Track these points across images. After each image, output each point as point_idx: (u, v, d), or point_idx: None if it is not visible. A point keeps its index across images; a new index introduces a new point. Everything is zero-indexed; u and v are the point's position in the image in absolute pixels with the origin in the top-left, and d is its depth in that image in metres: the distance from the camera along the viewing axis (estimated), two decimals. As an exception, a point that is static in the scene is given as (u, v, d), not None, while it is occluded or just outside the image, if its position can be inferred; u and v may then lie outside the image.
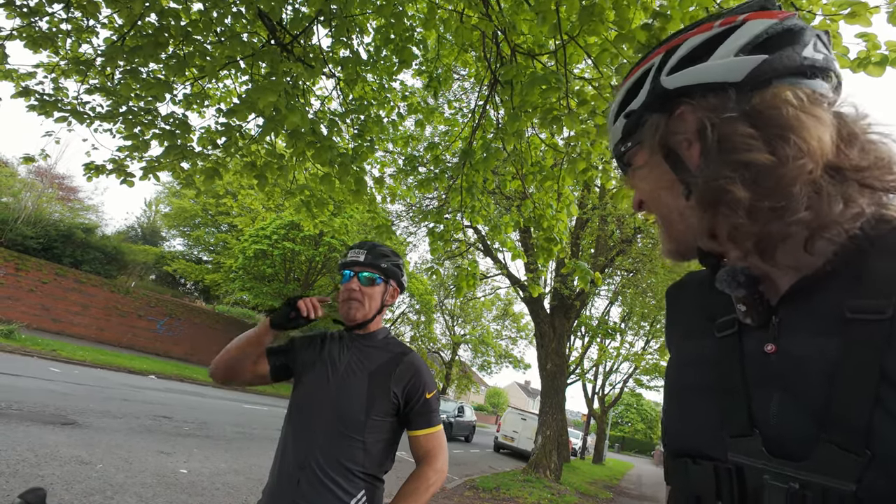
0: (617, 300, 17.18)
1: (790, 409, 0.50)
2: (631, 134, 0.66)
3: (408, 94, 4.72)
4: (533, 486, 9.87)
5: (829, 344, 0.48)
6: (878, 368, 0.44)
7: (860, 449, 0.43)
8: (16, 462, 4.20)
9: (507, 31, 2.71)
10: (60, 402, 6.82)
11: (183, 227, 30.30)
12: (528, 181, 3.30)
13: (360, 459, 1.39)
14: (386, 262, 1.61)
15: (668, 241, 0.65)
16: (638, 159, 0.67)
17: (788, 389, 0.50)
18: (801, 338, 0.52)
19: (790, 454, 0.48)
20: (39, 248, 17.57)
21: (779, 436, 0.50)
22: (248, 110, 2.09)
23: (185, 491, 4.70)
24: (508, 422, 20.06)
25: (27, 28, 3.17)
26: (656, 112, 0.62)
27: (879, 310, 0.46)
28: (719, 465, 0.53)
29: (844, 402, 0.45)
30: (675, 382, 0.66)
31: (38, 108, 3.19)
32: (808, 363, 0.50)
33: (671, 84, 0.60)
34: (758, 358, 0.55)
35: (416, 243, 19.25)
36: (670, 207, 0.62)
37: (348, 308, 1.55)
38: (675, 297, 0.78)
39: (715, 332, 0.62)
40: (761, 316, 0.56)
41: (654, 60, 0.63)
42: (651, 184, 0.65)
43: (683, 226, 0.61)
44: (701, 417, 0.58)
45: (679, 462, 0.59)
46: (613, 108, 0.70)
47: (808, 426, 0.48)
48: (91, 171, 3.57)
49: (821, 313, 0.51)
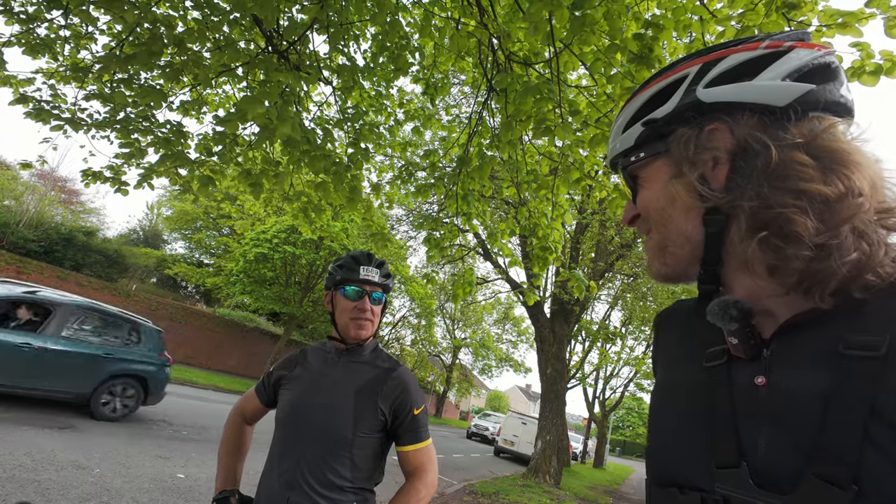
0: (617, 305, 17.14)
1: (778, 442, 0.49)
2: (647, 144, 0.63)
3: (406, 101, 4.74)
4: (532, 491, 9.82)
5: (820, 378, 0.48)
6: (869, 405, 0.44)
7: (847, 484, 0.43)
8: (12, 467, 4.20)
9: (503, 39, 2.72)
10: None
11: (184, 231, 30.37)
12: (523, 189, 3.30)
13: (349, 474, 1.38)
14: (391, 280, 1.60)
15: (661, 264, 0.62)
16: (650, 172, 0.63)
17: (777, 422, 0.50)
18: (792, 371, 0.51)
19: (777, 487, 0.48)
20: (41, 251, 17.63)
21: (766, 468, 0.49)
22: (239, 120, 2.10)
23: (182, 496, 4.69)
24: (508, 426, 19.99)
25: (26, 34, 3.19)
26: (685, 125, 0.58)
27: (874, 346, 0.46)
28: (706, 496, 0.53)
29: (833, 436, 0.45)
30: (662, 410, 0.65)
31: (34, 115, 3.20)
32: (798, 397, 0.49)
33: (709, 97, 0.56)
34: (747, 390, 0.54)
35: (415, 247, 19.25)
36: (678, 229, 0.59)
37: (358, 328, 1.50)
38: (665, 324, 0.77)
39: (704, 361, 0.61)
40: (753, 349, 0.55)
41: (690, 70, 0.59)
42: (662, 201, 0.61)
43: (684, 250, 0.59)
44: (688, 447, 0.58)
45: (665, 492, 0.58)
46: (627, 114, 0.65)
47: (795, 459, 0.47)
48: (89, 177, 3.59)
49: (814, 348, 0.51)
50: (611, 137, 0.71)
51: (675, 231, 0.60)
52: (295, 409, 1.46)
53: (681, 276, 0.61)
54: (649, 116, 0.62)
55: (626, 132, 0.65)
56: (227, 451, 1.61)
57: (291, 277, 21.37)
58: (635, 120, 0.64)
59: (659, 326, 0.77)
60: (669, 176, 0.60)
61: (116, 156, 3.42)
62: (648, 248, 0.65)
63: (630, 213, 0.68)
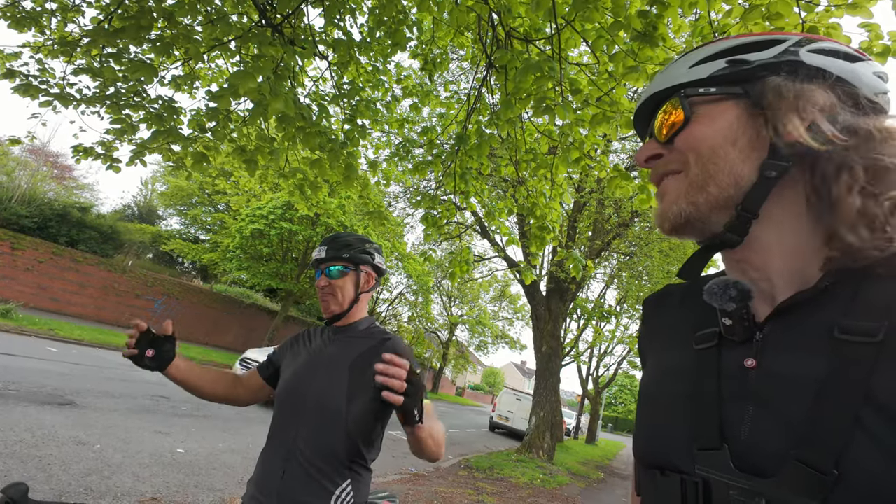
0: (613, 283, 17.27)
1: (763, 425, 0.49)
2: (724, 82, 0.60)
3: (403, 77, 4.64)
4: (526, 465, 10.06)
5: (812, 363, 0.48)
6: (863, 391, 0.44)
7: (828, 469, 0.43)
8: (13, 443, 4.24)
9: (503, 15, 2.65)
10: (58, 383, 6.87)
11: (180, 206, 30.16)
12: (521, 168, 3.27)
13: (344, 449, 1.40)
14: (348, 252, 1.61)
15: (688, 203, 0.59)
16: (714, 109, 0.60)
17: (764, 405, 0.50)
18: (783, 355, 0.51)
19: (758, 470, 0.48)
20: (34, 227, 17.47)
21: (748, 451, 0.49)
22: (231, 96, 2.05)
23: (182, 470, 4.77)
24: (504, 402, 20.36)
25: (11, 7, 3.08)
26: (778, 75, 0.57)
27: (870, 332, 0.46)
28: (686, 478, 0.53)
29: (821, 421, 0.45)
30: (649, 393, 0.65)
31: (22, 90, 3.12)
32: (787, 380, 0.49)
33: (811, 61, 0.56)
34: (736, 372, 0.54)
35: (413, 224, 19.22)
36: (731, 169, 0.57)
37: (325, 304, 1.60)
38: (655, 307, 0.76)
39: (693, 344, 0.61)
40: (746, 331, 0.55)
41: (791, 37, 0.60)
42: (721, 139, 0.58)
43: (725, 193, 0.57)
44: (672, 429, 0.58)
45: (649, 473, 0.59)
46: (707, 51, 0.63)
47: (779, 443, 0.47)
48: (80, 153, 3.52)
49: (809, 332, 0.51)
50: (669, 68, 0.68)
51: (726, 170, 0.57)
52: (292, 386, 1.50)
53: (700, 222, 0.59)
54: (738, 57, 0.60)
55: (698, 66, 0.62)
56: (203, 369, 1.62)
57: (288, 253, 21.36)
58: (717, 57, 0.61)
59: (648, 311, 0.77)
60: (738, 117, 0.58)
61: (107, 131, 3.34)
62: (670, 189, 0.62)
63: (651, 151, 0.65)
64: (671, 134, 0.62)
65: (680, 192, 0.61)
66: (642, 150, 0.67)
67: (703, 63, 0.62)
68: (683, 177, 0.61)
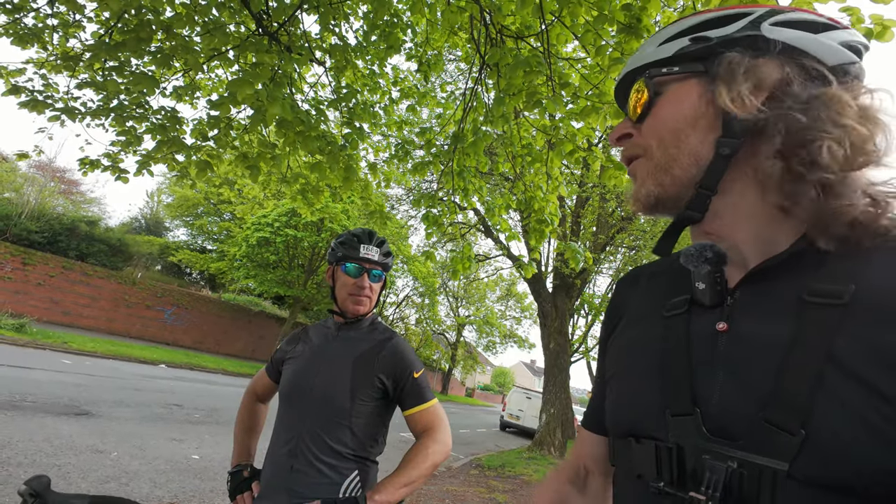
0: (619, 277, 17.17)
1: (733, 389, 0.50)
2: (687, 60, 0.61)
3: (400, 79, 4.69)
4: (538, 463, 10.06)
5: (781, 326, 0.49)
6: (827, 351, 0.44)
7: (796, 429, 0.43)
8: (33, 453, 4.33)
9: (494, 13, 2.69)
10: (73, 393, 6.98)
11: (186, 217, 30.38)
12: (517, 163, 3.30)
13: (349, 442, 1.43)
14: (391, 259, 1.65)
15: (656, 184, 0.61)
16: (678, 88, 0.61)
17: (734, 369, 0.50)
18: (754, 318, 0.52)
19: (729, 434, 0.48)
20: (44, 242, 17.69)
21: (720, 415, 0.50)
22: (230, 103, 2.11)
23: (197, 476, 4.84)
24: (514, 401, 20.31)
25: (13, 24, 3.16)
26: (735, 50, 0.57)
27: (837, 294, 0.46)
28: (660, 444, 0.53)
29: (787, 382, 0.45)
30: (619, 365, 0.67)
31: (29, 105, 3.20)
32: (757, 343, 0.50)
33: (772, 34, 0.56)
34: (707, 337, 0.55)
35: (416, 226, 19.25)
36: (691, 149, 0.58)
37: (356, 304, 1.56)
38: (623, 289, 0.77)
39: (663, 312, 0.62)
40: (717, 295, 0.56)
41: (756, 10, 0.59)
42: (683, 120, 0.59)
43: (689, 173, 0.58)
44: (644, 396, 0.59)
45: (623, 442, 0.60)
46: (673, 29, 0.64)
47: (749, 406, 0.48)
48: (86, 165, 3.60)
49: (778, 296, 0.52)
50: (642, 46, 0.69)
51: (687, 151, 0.58)
52: (296, 383, 1.52)
53: (671, 201, 0.61)
54: (701, 34, 0.60)
55: (665, 45, 0.63)
56: (241, 429, 1.73)
57: (294, 260, 21.47)
58: (681, 35, 0.62)
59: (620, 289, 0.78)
60: (699, 95, 0.59)
61: (113, 143, 3.42)
62: (639, 171, 0.64)
63: (623, 129, 0.67)
64: (640, 115, 0.64)
65: (650, 174, 0.62)
66: (616, 129, 0.68)
67: (670, 41, 0.63)
68: (647, 160, 0.63)
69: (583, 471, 0.82)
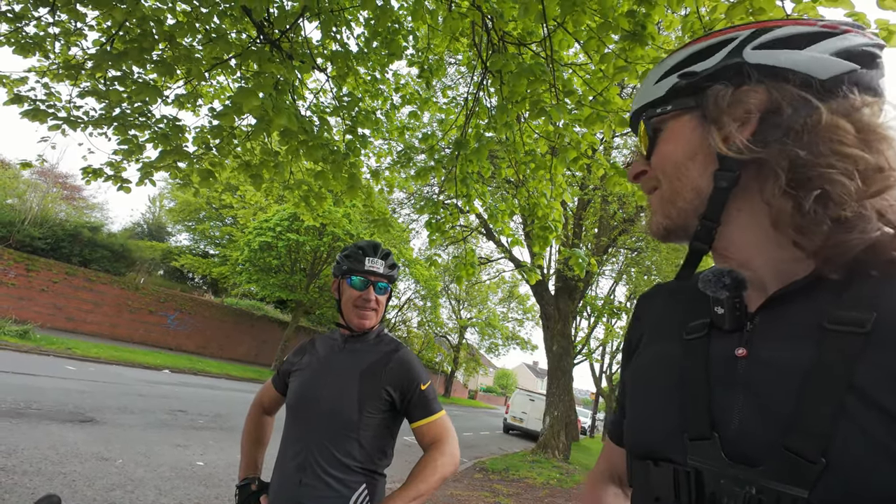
0: (622, 279, 17.17)
1: (752, 414, 0.50)
2: (678, 97, 0.62)
3: (402, 85, 4.69)
4: (542, 466, 10.03)
5: (801, 352, 0.49)
6: (849, 379, 0.44)
7: (816, 456, 0.43)
8: (38, 461, 4.33)
9: (496, 20, 2.69)
10: (78, 400, 6.98)
11: (188, 222, 30.46)
12: (521, 170, 3.30)
13: (357, 454, 1.42)
14: (396, 271, 1.65)
15: (664, 217, 0.63)
16: (674, 126, 0.63)
17: (753, 394, 0.51)
18: (774, 344, 0.52)
19: (749, 459, 0.48)
20: (47, 248, 17.74)
21: (738, 440, 0.50)
22: (235, 113, 2.11)
23: (202, 482, 4.83)
24: (517, 403, 20.28)
25: (14, 33, 3.17)
26: (720, 82, 0.58)
27: (859, 323, 0.46)
28: (678, 467, 0.53)
29: (808, 409, 0.45)
30: (639, 384, 0.67)
31: (31, 114, 3.21)
32: (776, 369, 0.50)
33: (754, 59, 0.56)
34: (726, 361, 0.55)
35: (418, 230, 19.26)
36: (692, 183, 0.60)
37: (362, 317, 1.54)
38: (645, 305, 0.78)
39: (683, 334, 0.62)
40: (737, 320, 0.56)
41: (740, 34, 0.59)
42: (682, 155, 0.61)
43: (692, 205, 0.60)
44: (662, 420, 0.59)
45: (641, 464, 0.60)
46: (664, 67, 0.65)
47: (768, 432, 0.48)
48: (89, 174, 3.60)
49: (798, 322, 0.51)
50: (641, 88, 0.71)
51: (688, 185, 0.60)
52: (302, 395, 1.51)
53: (681, 230, 0.62)
54: (688, 69, 0.61)
55: (659, 83, 0.65)
56: (248, 441, 1.71)
57: (296, 264, 21.50)
58: (671, 72, 0.64)
59: (641, 306, 0.79)
60: (693, 130, 0.60)
61: (115, 152, 3.43)
62: (653, 203, 0.66)
63: (637, 169, 0.69)
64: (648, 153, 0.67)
65: (659, 206, 0.65)
66: (632, 168, 0.71)
67: (663, 80, 0.65)
68: (659, 192, 0.65)
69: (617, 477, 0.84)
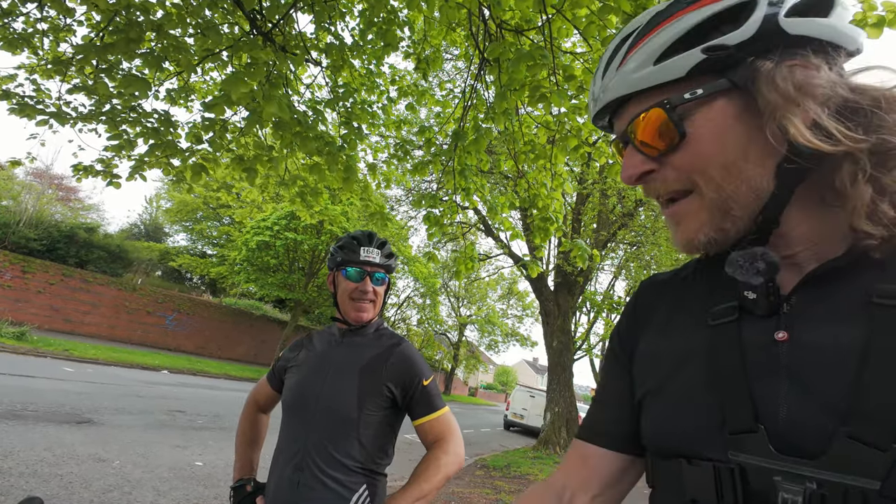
0: (621, 274, 17.16)
1: (802, 402, 0.45)
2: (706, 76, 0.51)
3: (398, 78, 4.64)
4: (543, 462, 10.01)
5: (851, 331, 0.45)
6: None
7: (886, 443, 0.39)
8: (35, 462, 4.28)
9: (493, 8, 2.64)
10: (75, 402, 6.93)
11: (185, 222, 30.36)
12: (520, 160, 3.25)
13: (357, 454, 1.37)
14: (394, 260, 1.58)
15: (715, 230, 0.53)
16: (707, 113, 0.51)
17: (801, 380, 0.46)
18: (818, 325, 0.48)
19: (803, 451, 0.44)
20: (43, 249, 17.66)
21: (789, 431, 0.45)
22: (225, 103, 2.05)
23: (201, 483, 4.79)
24: (517, 400, 20.28)
25: (2, 29, 3.10)
26: (763, 57, 0.49)
27: None
28: (719, 465, 0.48)
29: (870, 392, 0.41)
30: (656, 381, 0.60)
31: (18, 110, 3.14)
32: (825, 351, 0.46)
33: (792, 28, 0.48)
34: (764, 347, 0.50)
35: (416, 227, 19.22)
36: (751, 185, 0.51)
37: (359, 310, 1.48)
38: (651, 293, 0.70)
39: (709, 320, 0.56)
40: (772, 304, 0.51)
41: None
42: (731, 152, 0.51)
43: (749, 210, 0.51)
44: (695, 414, 0.53)
45: (671, 463, 0.54)
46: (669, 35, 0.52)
47: (823, 420, 0.43)
48: (80, 171, 3.54)
49: (843, 300, 0.47)
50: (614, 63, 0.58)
51: (745, 188, 0.51)
52: (300, 392, 1.45)
53: (732, 241, 0.53)
54: (717, 41, 0.50)
55: (670, 59, 0.52)
56: (243, 441, 1.66)
57: (295, 263, 21.45)
58: (687, 44, 0.51)
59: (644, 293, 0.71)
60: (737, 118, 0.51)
61: (106, 148, 3.37)
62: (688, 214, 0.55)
63: (643, 168, 0.56)
64: (665, 150, 0.54)
65: (702, 219, 0.54)
66: (628, 167, 0.58)
67: (671, 55, 0.52)
68: (698, 199, 0.54)
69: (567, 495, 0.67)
